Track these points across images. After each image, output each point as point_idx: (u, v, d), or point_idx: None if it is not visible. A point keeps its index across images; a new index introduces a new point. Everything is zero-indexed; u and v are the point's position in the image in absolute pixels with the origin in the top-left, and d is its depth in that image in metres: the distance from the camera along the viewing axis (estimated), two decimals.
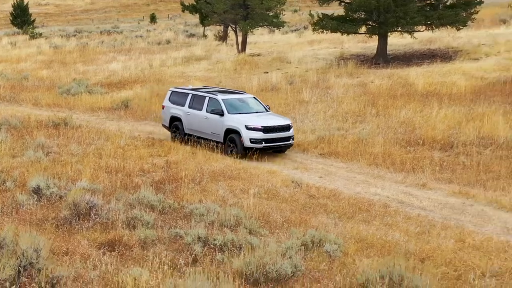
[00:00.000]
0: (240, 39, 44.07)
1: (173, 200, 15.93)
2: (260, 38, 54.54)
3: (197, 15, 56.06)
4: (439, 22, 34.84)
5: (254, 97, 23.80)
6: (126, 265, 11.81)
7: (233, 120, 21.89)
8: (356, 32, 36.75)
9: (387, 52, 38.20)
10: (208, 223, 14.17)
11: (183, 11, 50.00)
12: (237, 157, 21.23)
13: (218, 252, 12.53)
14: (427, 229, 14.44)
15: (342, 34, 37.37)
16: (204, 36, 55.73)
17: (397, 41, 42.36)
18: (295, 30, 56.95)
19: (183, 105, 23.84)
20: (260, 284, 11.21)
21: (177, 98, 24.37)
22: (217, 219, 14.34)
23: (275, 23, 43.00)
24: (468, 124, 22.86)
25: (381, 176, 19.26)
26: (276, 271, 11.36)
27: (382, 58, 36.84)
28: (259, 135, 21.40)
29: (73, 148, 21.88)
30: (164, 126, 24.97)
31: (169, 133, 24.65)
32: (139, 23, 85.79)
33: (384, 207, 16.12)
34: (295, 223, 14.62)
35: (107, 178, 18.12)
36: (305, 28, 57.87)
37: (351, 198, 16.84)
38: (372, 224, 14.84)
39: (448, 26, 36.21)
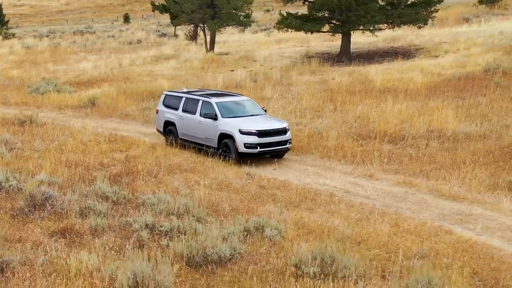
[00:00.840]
0: (208, 38, 44.72)
1: (128, 192, 16.57)
2: (230, 37, 55.26)
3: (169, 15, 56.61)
4: (400, 21, 35.79)
5: (250, 100, 22.92)
6: (75, 251, 12.45)
7: (227, 124, 20.94)
8: (319, 31, 37.60)
9: (351, 50, 39.06)
10: (158, 212, 14.84)
11: (153, 11, 50.60)
12: (231, 163, 20.27)
13: (164, 238, 13.21)
14: (366, 215, 15.22)
15: (306, 33, 38.22)
16: (175, 35, 56.34)
17: (362, 39, 43.26)
18: (265, 30, 57.72)
19: (177, 109, 22.94)
20: (200, 266, 11.89)
21: (171, 101, 23.48)
22: (167, 208, 15.01)
23: (243, 22, 43.77)
24: (420, 118, 23.72)
25: (332, 168, 20.04)
26: (216, 253, 12.06)
27: (345, 56, 37.69)
28: (254, 139, 20.45)
29: (37, 144, 22.49)
30: (158, 131, 24.13)
31: (163, 137, 23.92)
32: (112, 23, 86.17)
33: (330, 196, 16.88)
34: (242, 211, 15.32)
35: (67, 172, 18.75)
36: (274, 27, 58.62)
37: (299, 189, 17.58)
38: (315, 212, 15.58)
39: (410, 25, 37.08)
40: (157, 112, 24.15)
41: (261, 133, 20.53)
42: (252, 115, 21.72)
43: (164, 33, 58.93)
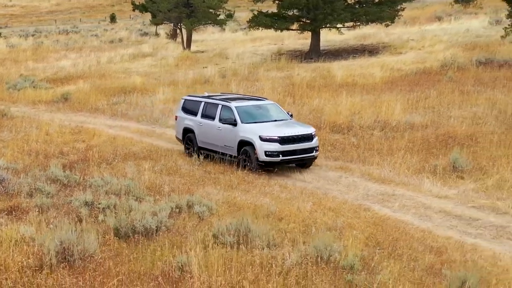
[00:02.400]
0: (185, 36, 45.91)
1: (79, 176, 17.75)
2: (210, 36, 56.48)
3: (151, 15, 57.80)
4: (365, 19, 37.03)
5: (274, 104, 21.22)
6: (17, 224, 13.61)
7: (247, 130, 19.28)
8: (288, 29, 38.84)
9: (322, 47, 40.27)
10: (102, 192, 16.02)
11: (133, 10, 51.82)
12: (251, 172, 18.71)
13: (101, 214, 14.39)
14: (295, 196, 16.40)
15: (276, 31, 39.43)
16: (156, 34, 57.53)
17: (335, 37, 44.44)
18: (246, 29, 58.80)
19: (195, 115, 21.30)
20: (128, 237, 13.06)
21: (190, 107, 21.78)
22: (110, 189, 16.20)
23: (219, 21, 44.95)
24: (369, 110, 24.90)
25: None
26: (142, 226, 13.24)
27: (314, 53, 38.90)
28: (275, 147, 18.68)
29: (4, 135, 23.78)
30: (177, 139, 22.38)
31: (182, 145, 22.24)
32: (99, 23, 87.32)
33: (267, 180, 18.06)
34: (181, 192, 16.49)
35: (27, 159, 19.98)
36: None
37: (240, 173, 18.75)
38: (250, 193, 16.76)
39: (376, 23, 38.29)
40: (176, 119, 22.50)
41: (283, 140, 18.77)
42: (276, 120, 20.04)
43: (146, 32, 60.15)
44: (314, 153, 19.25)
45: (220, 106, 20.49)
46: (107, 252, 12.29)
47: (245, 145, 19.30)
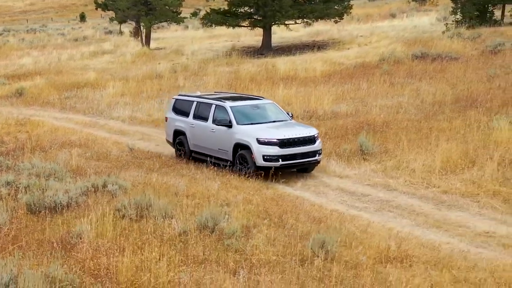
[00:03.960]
0: (144, 34, 47.11)
1: (11, 161, 18.92)
2: (173, 34, 57.75)
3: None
4: (313, 16, 38.38)
5: (273, 103, 19.86)
6: None
7: (243, 133, 17.92)
8: (239, 25, 40.14)
9: (274, 43, 41.64)
10: (26, 175, 17.22)
11: (96, 9, 52.93)
12: (248, 178, 17.34)
13: (20, 193, 15.58)
14: (208, 177, 17.67)
15: (227, 27, 40.77)
16: (120, 32, 58.64)
17: (289, 34, 45.83)
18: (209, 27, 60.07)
19: (187, 116, 20.00)
20: (40, 212, 14.27)
21: (181, 107, 20.51)
22: (37, 172, 17.40)
23: (176, 19, 46.13)
24: (301, 100, 26.23)
25: None
26: (54, 202, 14.48)
27: (266, 49, 40.27)
28: (275, 150, 17.31)
29: None
30: (168, 142, 21.18)
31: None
32: (69, 22, 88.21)
33: (187, 163, 19.33)
34: (103, 174, 17.70)
35: None
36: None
37: (164, 157, 20.02)
38: (169, 175, 18.00)
39: (325, 19, 39.72)
40: (166, 120, 21.16)
41: (283, 143, 17.41)
42: (274, 121, 18.69)
43: (110, 31, 61.26)
44: (317, 157, 17.79)
45: (213, 106, 19.09)
46: (16, 224, 13.50)
47: (241, 149, 17.93)
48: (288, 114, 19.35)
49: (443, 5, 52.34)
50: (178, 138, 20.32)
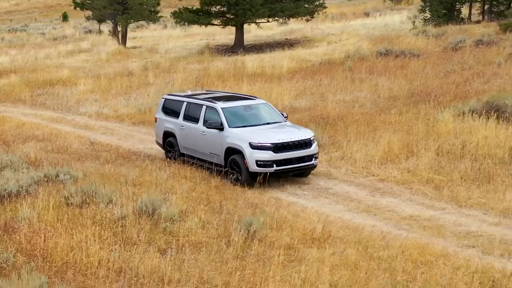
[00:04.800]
0: (120, 33, 47.76)
1: None
2: (152, 32, 58.42)
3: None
4: (283, 14, 39.14)
5: (267, 104, 18.82)
6: None
7: (235, 136, 16.99)
8: (211, 24, 40.84)
9: (249, 42, 42.39)
10: None
11: (75, 8, 53.51)
12: (241, 185, 16.59)
13: None
14: (160, 167, 18.35)
15: (200, 26, 41.51)
16: (100, 32, 59.22)
17: (264, 32, 46.63)
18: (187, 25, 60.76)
19: (177, 117, 19.16)
20: None
21: (171, 107, 19.66)
22: None
23: (152, 18, 46.82)
24: (263, 96, 26.91)
25: None
26: (5, 190, 15.16)
27: (238, 47, 40.99)
28: (268, 155, 16.39)
29: None
30: (158, 143, 20.42)
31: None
32: (51, 21, 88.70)
33: (144, 156, 19.99)
34: (60, 165, 18.36)
35: None
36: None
37: (126, 151, 20.71)
38: (123, 166, 18.68)
39: (295, 18, 40.52)
40: (155, 121, 20.47)
41: (277, 147, 16.48)
42: (268, 123, 17.77)
43: (90, 30, 61.86)
44: (313, 161, 16.95)
45: (204, 107, 18.18)
46: None
47: (233, 153, 16.96)
48: (282, 115, 18.39)
49: (417, 4, 53.19)
50: (168, 140, 19.56)
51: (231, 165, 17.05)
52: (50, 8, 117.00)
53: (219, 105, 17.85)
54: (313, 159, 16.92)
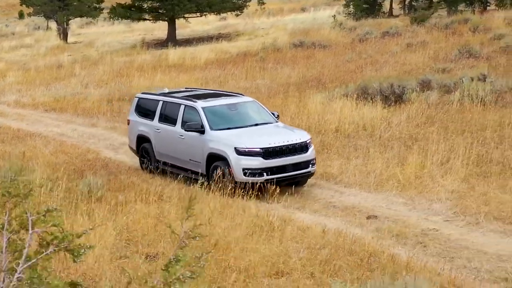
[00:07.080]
0: (62, 28, 49.43)
1: None
2: (99, 29, 60.09)
3: None
4: (210, 9, 41.02)
5: (254, 101, 16.37)
6: None
7: (218, 140, 14.54)
8: (141, 19, 42.66)
9: (184, 36, 44.26)
10: None
11: (21, 4, 55.00)
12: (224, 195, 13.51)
13: None
14: (46, 144, 20.12)
15: (132, 21, 43.27)
16: (48, 28, 60.79)
17: (200, 27, 48.54)
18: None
19: (152, 119, 16.67)
20: None
21: (146, 107, 17.16)
22: None
23: (91, 14, 48.49)
24: (172, 85, 28.72)
25: (72, 121, 24.89)
26: None
27: (171, 41, 42.80)
28: (258, 162, 13.99)
29: None
30: (131, 149, 17.85)
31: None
32: (7, 19, 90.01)
33: (40, 136, 21.70)
34: None
35: None
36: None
37: (24, 133, 22.45)
38: (13, 145, 20.42)
39: (221, 13, 42.45)
40: (128, 123, 17.96)
41: (268, 152, 14.11)
42: (257, 125, 15.40)
43: (39, 26, 63.39)
44: (310, 169, 14.58)
45: (182, 107, 15.78)
46: None
47: (216, 160, 14.51)
48: (273, 114, 15.93)
49: None
50: (142, 146, 16.96)
51: (214, 174, 14.29)
52: (12, 7, 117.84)
53: (199, 104, 15.42)
54: (310, 165, 14.54)
